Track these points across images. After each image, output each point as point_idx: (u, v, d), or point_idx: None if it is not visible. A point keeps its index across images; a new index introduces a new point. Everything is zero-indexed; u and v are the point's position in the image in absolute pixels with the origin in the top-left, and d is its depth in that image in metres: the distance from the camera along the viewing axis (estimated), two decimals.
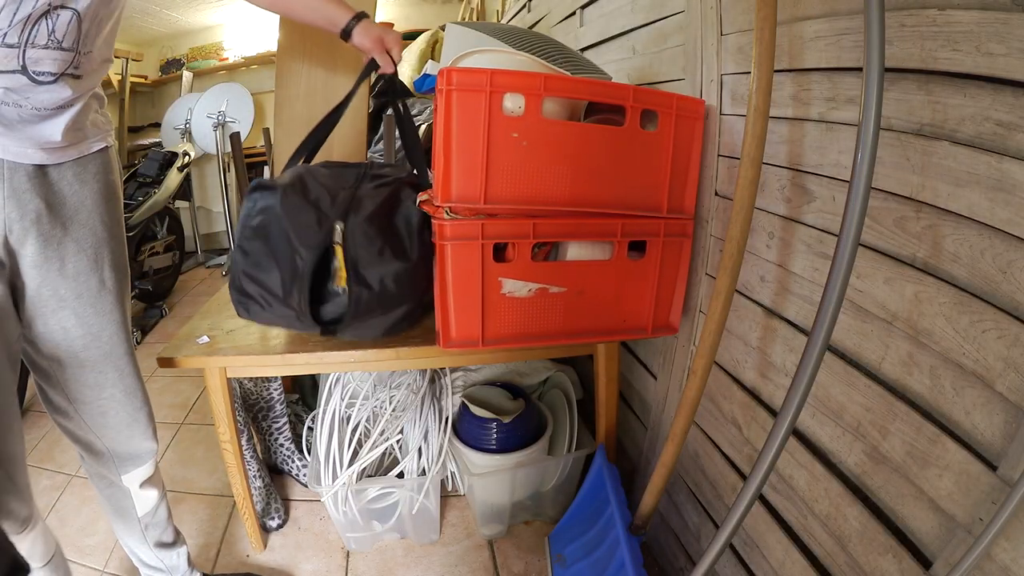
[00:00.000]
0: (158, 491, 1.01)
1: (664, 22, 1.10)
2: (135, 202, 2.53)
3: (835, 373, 0.73)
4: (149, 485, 0.99)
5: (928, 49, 0.58)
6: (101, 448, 0.92)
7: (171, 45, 3.63)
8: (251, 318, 0.95)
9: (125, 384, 0.89)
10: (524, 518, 1.37)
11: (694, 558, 1.11)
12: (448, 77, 0.81)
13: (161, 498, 1.02)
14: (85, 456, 0.94)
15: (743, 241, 0.80)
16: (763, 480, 0.69)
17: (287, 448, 1.49)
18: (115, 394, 0.88)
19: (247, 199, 0.91)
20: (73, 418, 0.88)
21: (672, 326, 1.07)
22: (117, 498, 0.98)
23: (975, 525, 0.55)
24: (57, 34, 0.69)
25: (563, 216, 0.93)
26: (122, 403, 0.90)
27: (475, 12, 2.98)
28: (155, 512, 1.01)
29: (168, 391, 2.02)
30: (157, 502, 1.01)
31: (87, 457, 0.94)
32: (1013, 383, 0.52)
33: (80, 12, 0.71)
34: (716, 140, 0.96)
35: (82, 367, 0.84)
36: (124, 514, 1.00)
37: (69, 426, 0.90)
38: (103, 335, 0.85)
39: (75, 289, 0.80)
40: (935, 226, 0.60)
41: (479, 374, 1.41)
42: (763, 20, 0.72)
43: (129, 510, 0.99)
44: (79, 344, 0.83)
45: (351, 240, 0.89)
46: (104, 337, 0.85)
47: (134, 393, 0.91)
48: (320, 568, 1.27)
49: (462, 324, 0.94)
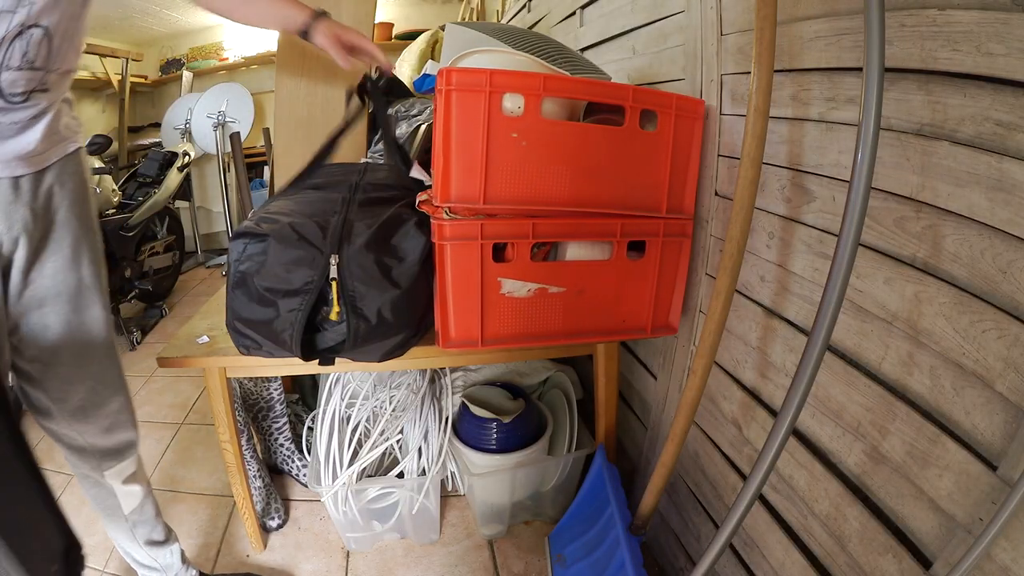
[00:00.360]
0: (142, 487, 1.02)
1: (664, 22, 1.10)
2: (135, 202, 2.53)
3: (835, 373, 0.73)
4: (132, 481, 1.00)
5: (928, 49, 0.58)
6: (83, 444, 0.93)
7: (171, 45, 3.63)
8: (250, 354, 0.95)
9: (107, 377, 0.91)
10: (524, 518, 1.37)
11: (694, 558, 1.11)
12: (448, 77, 0.81)
13: (146, 495, 1.03)
14: (69, 456, 0.95)
15: (743, 241, 0.80)
16: (763, 480, 0.69)
17: (287, 448, 1.49)
18: (96, 387, 0.90)
19: (233, 245, 0.89)
20: (55, 417, 0.89)
21: (672, 326, 1.07)
22: (103, 497, 0.99)
23: (975, 525, 0.55)
24: (30, 54, 0.69)
25: (562, 216, 0.93)
26: (103, 397, 0.91)
27: (475, 12, 2.98)
28: (141, 509, 1.02)
29: (168, 391, 2.02)
30: (142, 498, 1.02)
31: (71, 457, 0.95)
32: (1013, 383, 0.52)
33: (50, 29, 0.70)
34: (716, 140, 0.96)
35: (63, 364, 0.85)
36: (112, 513, 1.01)
37: (52, 426, 0.90)
38: (83, 329, 0.86)
39: (55, 288, 0.82)
40: (935, 226, 0.60)
41: (479, 374, 1.41)
42: (763, 20, 0.72)
43: (115, 509, 1.00)
44: (60, 341, 0.84)
45: (346, 272, 0.88)
46: (84, 331, 0.86)
47: (115, 385, 0.93)
48: (320, 568, 1.27)
49: (461, 324, 0.94)
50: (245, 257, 0.88)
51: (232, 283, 0.89)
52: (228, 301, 0.90)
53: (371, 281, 0.88)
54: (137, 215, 2.44)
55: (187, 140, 3.29)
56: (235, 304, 0.90)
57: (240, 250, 0.88)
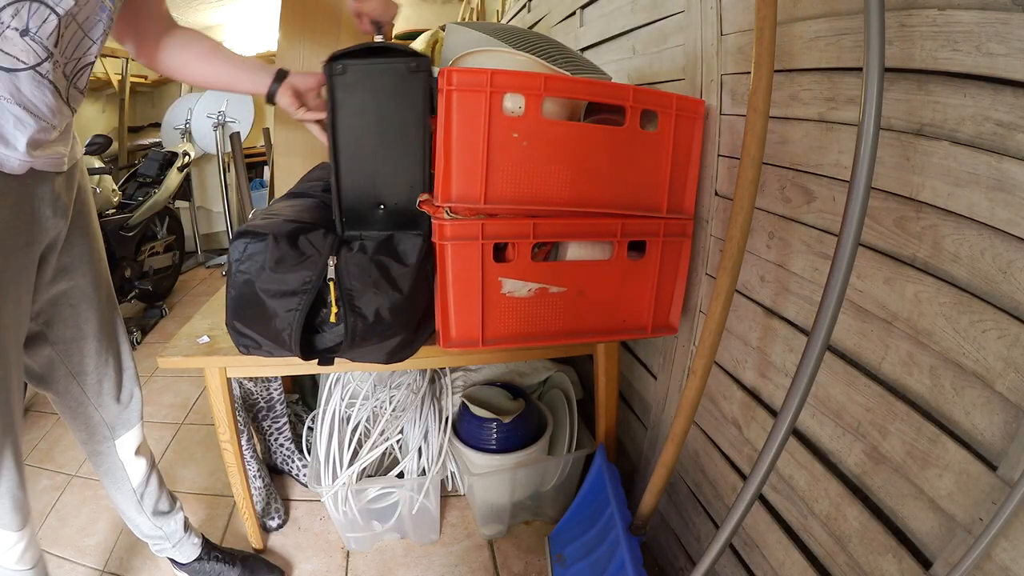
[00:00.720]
0: (147, 460, 1.07)
1: (664, 22, 1.10)
2: (135, 202, 2.53)
3: (835, 373, 0.73)
4: (139, 454, 1.05)
5: (928, 49, 0.58)
6: (98, 420, 0.98)
7: None
8: (249, 354, 0.96)
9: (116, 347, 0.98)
10: (524, 518, 1.37)
11: (694, 558, 1.11)
12: (448, 77, 0.81)
13: (151, 467, 1.08)
14: (81, 436, 1.00)
15: (743, 241, 0.80)
16: (763, 480, 0.69)
17: (287, 448, 1.49)
18: (109, 359, 0.96)
19: (233, 246, 0.89)
20: (75, 394, 0.95)
21: (672, 326, 1.07)
22: (112, 472, 1.04)
23: (975, 525, 0.55)
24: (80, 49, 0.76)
25: (563, 216, 0.93)
26: (115, 366, 0.98)
27: (475, 12, 2.98)
28: (147, 481, 1.07)
29: (168, 391, 2.02)
30: (148, 470, 1.07)
31: (84, 437, 1.00)
32: (1013, 383, 0.52)
33: None
34: (716, 140, 0.96)
35: (86, 338, 0.92)
36: (120, 487, 1.05)
37: (71, 404, 0.96)
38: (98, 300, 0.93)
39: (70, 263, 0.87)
40: (935, 226, 0.60)
41: (479, 374, 1.41)
42: (763, 20, 0.72)
43: (124, 482, 1.04)
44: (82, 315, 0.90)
45: (344, 272, 0.88)
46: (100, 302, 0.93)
47: (125, 352, 1.00)
48: (320, 568, 1.27)
49: (462, 324, 0.94)
50: (245, 257, 0.88)
51: (232, 283, 0.89)
52: (228, 301, 0.90)
53: (369, 280, 0.89)
54: (137, 215, 2.44)
55: (187, 140, 3.29)
56: (235, 304, 0.90)
57: (240, 250, 0.88)
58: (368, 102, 0.90)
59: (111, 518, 1.40)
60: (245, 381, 1.39)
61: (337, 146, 0.91)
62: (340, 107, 0.90)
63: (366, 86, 0.89)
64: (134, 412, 1.02)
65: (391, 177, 0.93)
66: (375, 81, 0.89)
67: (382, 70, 0.88)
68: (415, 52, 0.88)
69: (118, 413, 1.00)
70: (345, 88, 0.89)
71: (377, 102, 0.89)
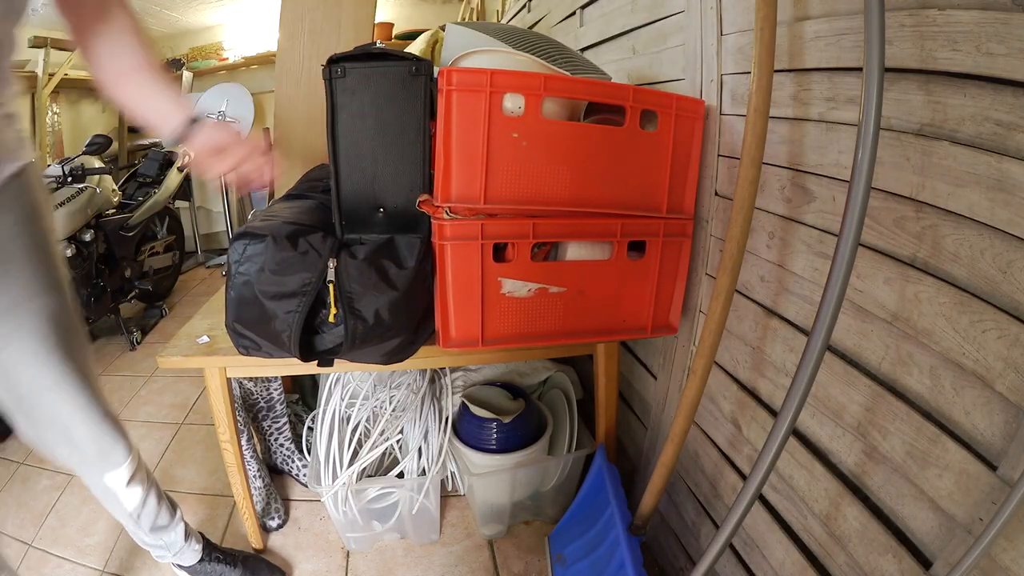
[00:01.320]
0: (142, 487, 1.02)
1: (664, 22, 1.10)
2: (135, 202, 2.53)
3: (835, 373, 0.73)
4: (132, 484, 1.00)
5: (928, 49, 0.58)
6: (76, 463, 0.95)
7: (171, 45, 3.62)
8: (249, 355, 0.95)
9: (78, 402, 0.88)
10: (524, 518, 1.37)
11: (694, 558, 1.11)
12: (448, 77, 0.81)
13: (147, 492, 1.03)
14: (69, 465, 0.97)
15: (743, 241, 0.80)
16: (763, 480, 0.69)
17: (287, 448, 1.49)
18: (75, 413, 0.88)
19: (233, 247, 0.88)
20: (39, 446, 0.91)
21: (672, 326, 1.07)
22: (105, 497, 1.01)
23: (975, 525, 0.55)
24: None
25: (563, 216, 0.93)
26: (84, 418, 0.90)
27: (475, 12, 2.98)
28: (144, 503, 1.03)
29: (168, 391, 2.02)
30: (143, 496, 1.03)
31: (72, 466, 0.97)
32: (1013, 383, 0.52)
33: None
34: (716, 140, 0.96)
35: (33, 396, 0.84)
36: (115, 509, 1.03)
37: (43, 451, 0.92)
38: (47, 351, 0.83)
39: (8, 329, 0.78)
40: (935, 226, 0.60)
41: (479, 374, 1.41)
42: (763, 20, 0.72)
43: (118, 507, 1.02)
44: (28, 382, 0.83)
45: (344, 274, 0.88)
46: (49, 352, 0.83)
47: (90, 407, 0.90)
48: (320, 568, 1.27)
49: (462, 324, 0.94)
50: (245, 258, 0.88)
51: (231, 284, 0.89)
52: (227, 302, 0.90)
53: (368, 282, 0.89)
54: (137, 215, 2.44)
55: None
56: (234, 305, 0.90)
57: (240, 251, 0.88)
58: (368, 105, 0.89)
59: (111, 518, 1.40)
60: (245, 381, 1.39)
61: (336, 149, 0.91)
62: (340, 110, 0.90)
63: (366, 89, 0.89)
64: (116, 456, 0.96)
65: (391, 180, 0.93)
66: (375, 84, 0.88)
67: (383, 73, 0.88)
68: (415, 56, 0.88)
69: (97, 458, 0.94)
70: (345, 91, 0.89)
71: (377, 106, 0.89)
